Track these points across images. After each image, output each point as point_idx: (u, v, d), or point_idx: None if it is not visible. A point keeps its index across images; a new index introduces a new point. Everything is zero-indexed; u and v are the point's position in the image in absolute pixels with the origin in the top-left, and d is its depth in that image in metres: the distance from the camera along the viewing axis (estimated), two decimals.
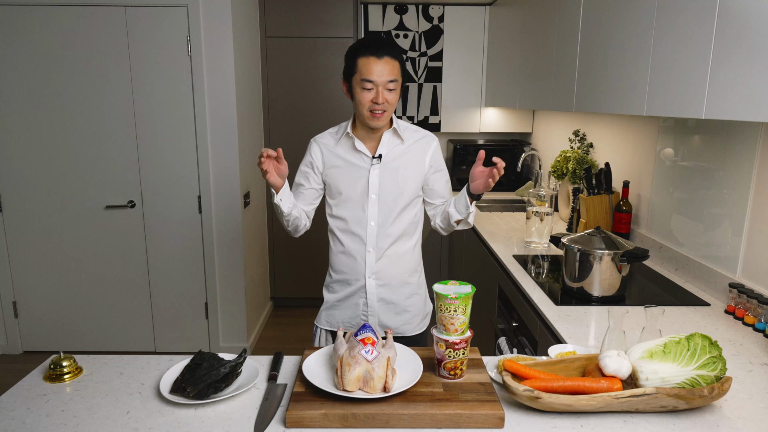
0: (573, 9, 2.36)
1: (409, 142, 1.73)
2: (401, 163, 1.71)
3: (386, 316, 1.78)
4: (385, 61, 1.59)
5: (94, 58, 3.07)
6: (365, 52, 1.60)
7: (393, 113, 1.72)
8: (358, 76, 1.61)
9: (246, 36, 3.46)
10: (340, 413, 1.09)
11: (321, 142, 1.77)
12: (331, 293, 1.84)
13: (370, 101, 1.61)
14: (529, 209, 2.53)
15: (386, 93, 1.61)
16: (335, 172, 1.73)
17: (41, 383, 1.26)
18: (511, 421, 1.11)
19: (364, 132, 1.71)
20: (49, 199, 3.23)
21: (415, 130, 1.77)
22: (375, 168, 1.70)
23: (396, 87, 1.63)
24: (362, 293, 1.76)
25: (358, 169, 1.71)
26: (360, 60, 1.60)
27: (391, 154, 1.71)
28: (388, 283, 1.76)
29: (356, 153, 1.71)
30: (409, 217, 1.76)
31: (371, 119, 1.63)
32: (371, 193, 1.70)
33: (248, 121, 3.54)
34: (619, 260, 1.78)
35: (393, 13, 4.09)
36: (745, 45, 1.29)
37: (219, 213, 3.32)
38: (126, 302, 3.39)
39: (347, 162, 1.72)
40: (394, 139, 1.72)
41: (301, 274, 4.17)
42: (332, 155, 1.74)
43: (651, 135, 2.36)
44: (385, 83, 1.60)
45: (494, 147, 4.19)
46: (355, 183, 1.71)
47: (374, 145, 1.72)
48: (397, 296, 1.77)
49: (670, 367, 1.11)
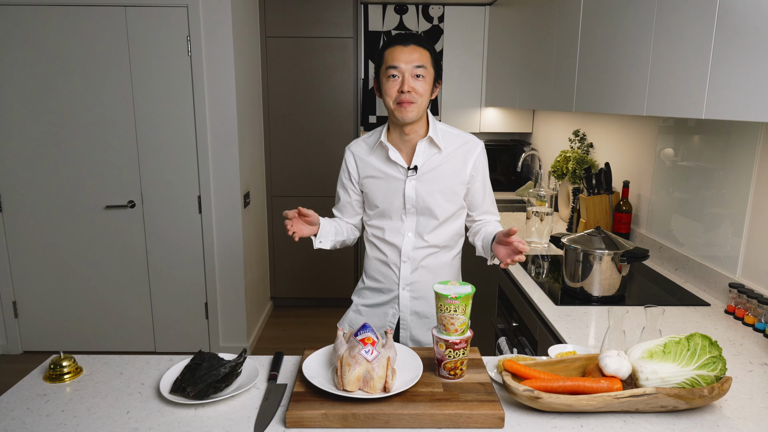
0: (573, 9, 2.36)
1: (448, 150, 1.61)
2: (439, 174, 1.60)
3: (419, 331, 1.71)
4: (411, 48, 1.51)
5: (94, 58, 3.07)
6: (391, 43, 1.54)
7: (428, 113, 1.62)
8: (384, 66, 1.53)
9: (246, 36, 3.46)
10: (340, 413, 1.09)
11: (354, 150, 1.69)
12: (361, 298, 1.78)
13: (397, 91, 1.51)
14: (529, 209, 2.53)
15: (413, 81, 1.50)
16: (370, 182, 1.65)
17: (41, 383, 1.26)
18: (511, 421, 1.11)
19: (399, 139, 1.62)
20: (49, 199, 3.23)
21: (456, 135, 1.64)
22: (411, 180, 1.60)
23: (425, 75, 1.52)
24: (394, 304, 1.70)
25: (394, 181, 1.62)
26: (386, 51, 1.53)
27: (428, 164, 1.60)
28: (422, 296, 1.68)
29: (391, 164, 1.62)
30: (451, 229, 1.68)
31: (399, 111, 1.52)
32: (408, 205, 1.62)
33: (248, 121, 3.54)
34: (619, 260, 1.78)
35: (393, 13, 4.09)
36: (745, 45, 1.29)
37: (219, 213, 3.32)
38: (126, 302, 3.39)
39: (382, 173, 1.63)
40: (430, 149, 1.61)
41: (301, 274, 4.17)
42: (366, 165, 1.65)
43: (651, 135, 2.36)
44: (411, 69, 1.50)
45: (494, 147, 4.19)
46: (391, 195, 1.63)
47: (410, 153, 1.61)
48: (431, 310, 1.69)
49: (670, 367, 1.11)
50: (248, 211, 3.54)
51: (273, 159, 4.04)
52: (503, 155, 4.17)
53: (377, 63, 1.59)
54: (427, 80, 1.54)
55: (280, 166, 4.05)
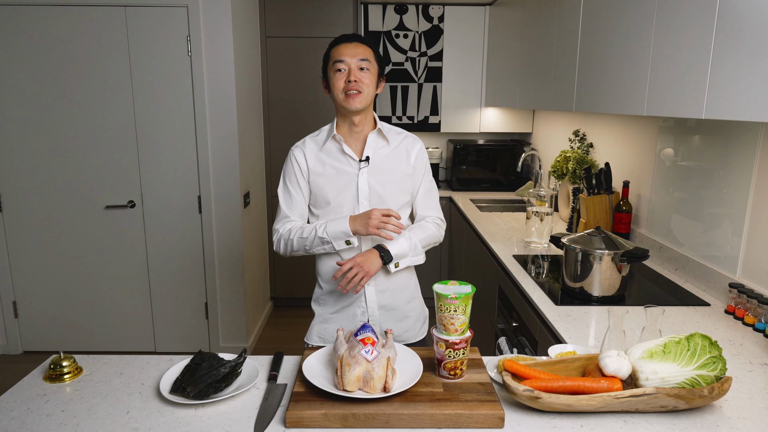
0: (573, 9, 2.36)
1: (395, 143, 1.69)
2: (389, 165, 1.66)
3: (388, 324, 1.71)
4: (355, 45, 1.60)
5: (94, 58, 3.07)
6: (337, 42, 1.63)
7: (374, 113, 1.69)
8: (331, 62, 1.61)
9: (246, 36, 3.46)
10: (340, 413, 1.09)
11: (304, 148, 1.69)
12: (323, 306, 1.77)
13: (344, 81, 1.58)
14: (529, 209, 2.53)
15: (359, 72, 1.58)
16: (321, 180, 1.65)
17: (41, 383, 1.26)
18: (511, 421, 1.11)
19: (348, 132, 1.66)
20: (49, 199, 3.23)
21: (398, 132, 1.73)
22: (363, 172, 1.63)
23: (370, 68, 1.60)
24: (360, 302, 1.69)
25: (346, 175, 1.64)
26: (333, 49, 1.62)
27: (378, 156, 1.66)
28: (387, 288, 1.69)
29: (343, 157, 1.65)
30: (404, 220, 1.70)
31: (346, 102, 1.58)
32: (361, 198, 1.64)
33: (248, 121, 3.54)
34: (619, 260, 1.78)
35: (393, 13, 4.09)
36: (745, 45, 1.29)
37: (219, 213, 3.32)
38: (126, 302, 3.39)
39: (334, 168, 1.65)
40: (379, 140, 1.67)
41: (301, 274, 4.17)
42: (317, 162, 1.66)
43: (651, 135, 2.36)
44: (356, 62, 1.58)
45: (494, 147, 4.19)
46: (343, 190, 1.64)
47: (360, 147, 1.67)
48: (397, 301, 1.71)
49: (670, 367, 1.11)
50: (248, 211, 3.54)
51: (273, 159, 4.04)
52: (503, 155, 4.17)
53: (324, 63, 1.66)
54: (372, 73, 1.61)
55: (280, 166, 4.03)
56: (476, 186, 4.20)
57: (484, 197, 3.93)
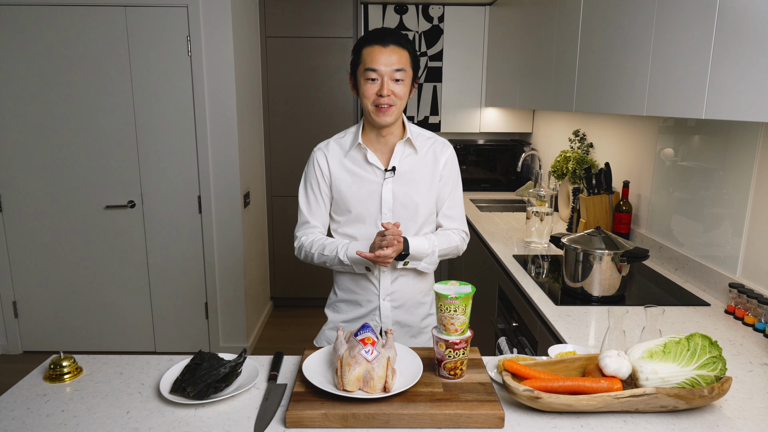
0: (573, 9, 2.36)
1: (423, 151, 1.60)
2: (415, 176, 1.57)
3: (402, 341, 1.64)
4: (391, 50, 1.46)
5: (94, 58, 3.07)
6: (370, 42, 1.49)
7: (404, 115, 1.60)
8: (362, 66, 1.49)
9: (246, 36, 3.46)
10: (340, 413, 1.09)
11: (327, 152, 1.60)
12: (337, 313, 1.70)
13: (375, 94, 1.48)
14: (529, 209, 2.53)
15: (392, 84, 1.47)
16: (343, 187, 1.57)
17: (41, 383, 1.26)
18: (511, 421, 1.11)
19: (375, 140, 1.58)
20: (49, 199, 3.23)
21: (428, 137, 1.62)
22: (388, 182, 1.55)
23: (404, 78, 1.49)
24: (375, 315, 1.63)
25: (370, 184, 1.56)
26: (365, 50, 1.49)
27: (404, 165, 1.57)
28: (403, 305, 1.63)
29: (368, 165, 1.57)
30: (428, 232, 1.62)
31: (376, 114, 1.49)
32: (384, 210, 1.56)
33: (248, 121, 3.54)
34: (619, 260, 1.78)
35: (393, 13, 4.09)
36: (745, 45, 1.29)
37: (219, 213, 3.32)
38: (126, 302, 3.39)
39: (357, 176, 1.57)
40: (407, 149, 1.58)
41: (301, 274, 4.17)
42: (340, 168, 1.58)
43: (651, 135, 2.36)
44: (390, 73, 1.46)
45: (494, 147, 4.19)
46: (366, 200, 1.56)
47: (386, 155, 1.58)
48: (413, 318, 1.65)
49: (670, 367, 1.11)
50: (248, 211, 3.54)
51: (273, 159, 4.04)
52: (503, 155, 4.17)
53: (354, 59, 1.54)
54: (406, 83, 1.51)
55: (280, 166, 4.05)
56: (476, 186, 4.20)
57: (484, 197, 3.93)
